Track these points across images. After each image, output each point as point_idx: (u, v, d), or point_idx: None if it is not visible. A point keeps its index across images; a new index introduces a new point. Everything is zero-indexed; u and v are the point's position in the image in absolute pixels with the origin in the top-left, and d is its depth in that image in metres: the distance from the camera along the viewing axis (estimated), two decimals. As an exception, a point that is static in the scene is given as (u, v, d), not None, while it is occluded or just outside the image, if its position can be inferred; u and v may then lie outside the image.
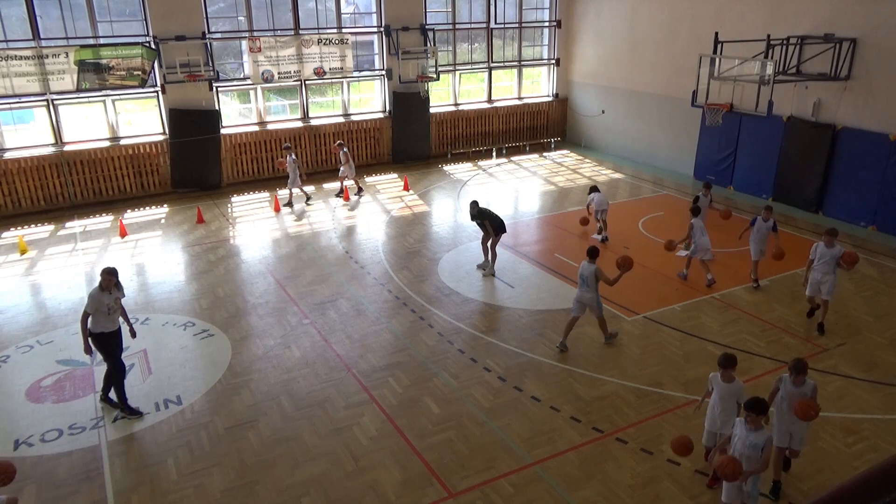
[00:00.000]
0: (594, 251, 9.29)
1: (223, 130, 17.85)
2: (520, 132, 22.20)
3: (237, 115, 18.84)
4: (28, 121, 16.57)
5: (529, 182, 18.48)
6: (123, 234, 14.46)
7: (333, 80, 19.22)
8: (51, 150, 16.09)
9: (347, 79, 19.33)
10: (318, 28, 18.48)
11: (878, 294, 11.24)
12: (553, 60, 22.33)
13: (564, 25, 21.95)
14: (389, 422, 7.97)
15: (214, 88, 17.61)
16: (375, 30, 19.44)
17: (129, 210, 16.24)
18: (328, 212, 15.98)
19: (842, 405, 8.17)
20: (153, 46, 16.39)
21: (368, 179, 18.82)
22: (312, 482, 7.01)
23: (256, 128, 18.37)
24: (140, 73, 16.31)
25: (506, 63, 21.91)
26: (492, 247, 12.05)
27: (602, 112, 21.36)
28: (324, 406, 8.30)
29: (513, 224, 14.88)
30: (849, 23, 14.00)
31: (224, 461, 7.36)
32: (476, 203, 12.11)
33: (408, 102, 19.76)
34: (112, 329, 7.96)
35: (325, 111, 19.91)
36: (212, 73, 17.24)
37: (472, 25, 20.98)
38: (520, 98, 22.37)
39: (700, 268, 11.63)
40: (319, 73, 18.45)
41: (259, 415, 8.16)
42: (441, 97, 21.38)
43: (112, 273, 7.87)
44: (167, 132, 17.28)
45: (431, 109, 20.40)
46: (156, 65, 16.58)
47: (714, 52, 14.40)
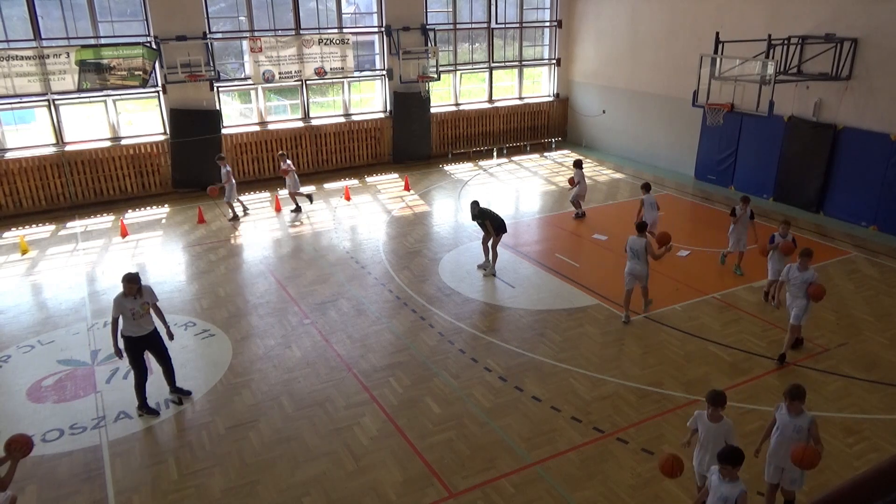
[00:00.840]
0: (643, 225, 10.14)
1: (224, 130, 17.86)
2: (520, 132, 22.19)
3: (238, 115, 18.85)
4: (29, 121, 16.58)
5: (530, 182, 18.47)
6: (124, 234, 14.47)
7: (334, 80, 19.23)
8: (52, 150, 16.11)
9: (348, 79, 19.33)
10: (319, 28, 18.49)
11: (879, 294, 11.23)
12: (554, 60, 22.33)
13: (565, 25, 21.94)
14: (390, 422, 7.97)
15: (215, 88, 17.61)
16: (376, 30, 19.44)
17: (130, 210, 16.25)
18: (326, 213, 15.98)
19: (842, 405, 8.17)
20: (154, 46, 16.40)
21: (369, 179, 18.82)
22: (313, 482, 7.02)
23: (257, 128, 18.38)
24: (141, 73, 16.32)
25: (506, 63, 21.90)
26: (493, 247, 12.05)
27: (603, 112, 21.35)
28: (324, 406, 8.30)
29: (513, 224, 14.88)
30: (850, 23, 13.99)
31: (225, 461, 7.36)
32: (477, 203, 12.11)
33: (408, 102, 19.76)
34: (138, 334, 7.91)
35: (326, 111, 19.91)
36: (213, 73, 17.26)
37: (473, 25, 20.97)
38: (520, 98, 22.36)
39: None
40: (320, 73, 18.46)
41: (260, 415, 8.16)
42: (442, 97, 21.38)
43: (132, 280, 7.78)
44: (168, 132, 17.29)
45: (432, 109, 20.39)
46: (157, 65, 16.59)
47: (715, 52, 14.39)
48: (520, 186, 18.04)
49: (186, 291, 11.69)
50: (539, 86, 23.00)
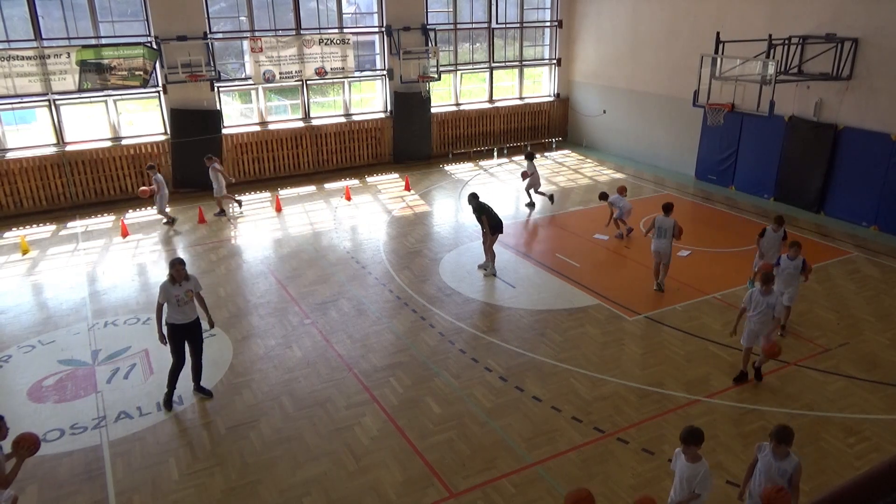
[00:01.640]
0: (669, 206, 10.95)
1: (224, 130, 17.86)
2: (521, 132, 22.19)
3: (238, 115, 18.85)
4: (30, 121, 16.58)
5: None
6: (125, 234, 14.48)
7: (335, 80, 19.23)
8: (52, 150, 16.11)
9: (349, 79, 19.33)
10: (320, 28, 18.49)
11: (880, 294, 11.23)
12: (554, 60, 22.32)
13: (566, 25, 21.94)
14: (390, 422, 7.97)
15: (216, 88, 17.61)
16: (377, 30, 19.44)
17: (131, 210, 16.25)
18: (327, 213, 15.98)
19: (843, 405, 8.17)
20: (155, 46, 16.40)
21: (370, 179, 18.83)
22: (314, 482, 7.02)
23: (258, 128, 18.38)
24: (141, 74, 16.32)
25: (507, 63, 21.90)
26: (489, 247, 11.97)
27: (603, 112, 21.34)
28: (325, 406, 8.31)
29: (514, 224, 14.89)
30: (850, 23, 13.98)
31: (225, 461, 7.36)
32: (476, 196, 12.07)
33: (409, 102, 19.76)
34: (182, 322, 8.00)
35: (327, 111, 19.91)
36: (213, 74, 17.26)
37: (474, 25, 20.97)
38: (521, 98, 22.36)
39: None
40: (321, 73, 18.46)
41: (260, 415, 8.16)
42: (442, 97, 21.37)
43: (180, 263, 7.93)
44: (168, 132, 17.29)
45: (432, 109, 20.39)
46: (157, 65, 16.59)
47: (715, 52, 14.39)
48: (520, 187, 18.01)
49: (187, 291, 11.68)
50: (539, 86, 22.99)
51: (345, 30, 18.82)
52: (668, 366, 9.09)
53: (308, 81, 18.67)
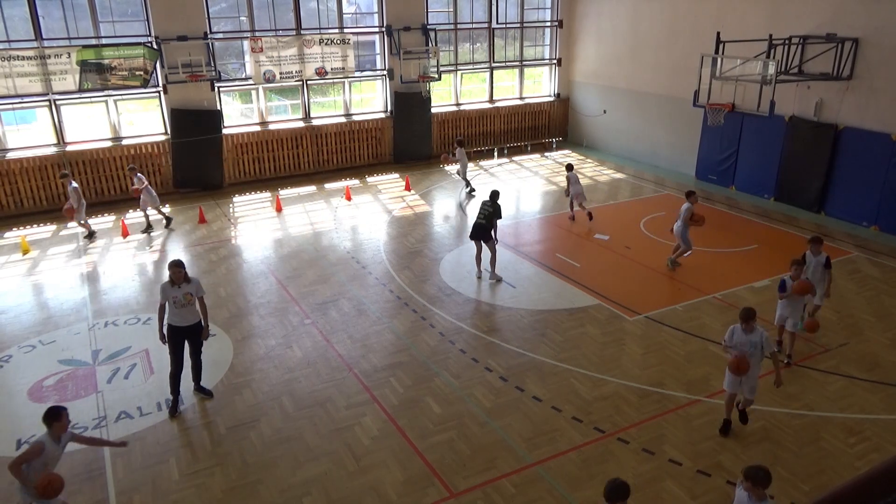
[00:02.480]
0: (692, 193, 11.95)
1: (225, 130, 17.86)
2: (521, 132, 22.19)
3: (239, 115, 18.86)
4: (30, 121, 16.59)
5: (531, 182, 18.47)
6: (125, 234, 14.48)
7: (335, 80, 19.23)
8: (53, 151, 16.12)
9: (349, 79, 19.33)
10: (320, 28, 18.49)
11: (881, 294, 11.23)
12: (554, 60, 22.32)
13: (566, 25, 21.94)
14: (391, 422, 7.97)
15: (216, 88, 17.62)
16: (377, 30, 19.45)
17: (131, 210, 16.25)
18: (327, 213, 15.98)
19: (844, 405, 8.16)
20: (155, 47, 16.41)
21: (370, 179, 18.83)
22: (314, 482, 7.02)
23: (258, 128, 18.39)
24: (142, 74, 16.33)
25: (507, 63, 21.90)
26: (491, 250, 11.77)
27: (604, 112, 21.34)
28: (325, 406, 8.31)
29: (514, 224, 14.89)
30: (851, 23, 13.98)
31: (226, 461, 7.36)
32: (498, 194, 11.99)
33: (409, 102, 19.76)
34: (180, 324, 7.95)
35: (327, 111, 19.92)
36: (213, 74, 17.26)
37: (474, 25, 20.97)
38: (521, 98, 22.36)
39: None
40: (321, 73, 18.47)
41: (260, 415, 8.16)
42: (442, 97, 21.38)
43: (178, 265, 7.83)
44: (169, 132, 17.29)
45: (433, 109, 20.39)
46: (158, 65, 16.60)
47: (716, 52, 14.39)
48: (521, 186, 18.04)
49: (187, 291, 11.68)
50: (540, 86, 22.99)
51: (345, 30, 18.82)
52: (669, 366, 9.09)
53: (308, 81, 18.67)
